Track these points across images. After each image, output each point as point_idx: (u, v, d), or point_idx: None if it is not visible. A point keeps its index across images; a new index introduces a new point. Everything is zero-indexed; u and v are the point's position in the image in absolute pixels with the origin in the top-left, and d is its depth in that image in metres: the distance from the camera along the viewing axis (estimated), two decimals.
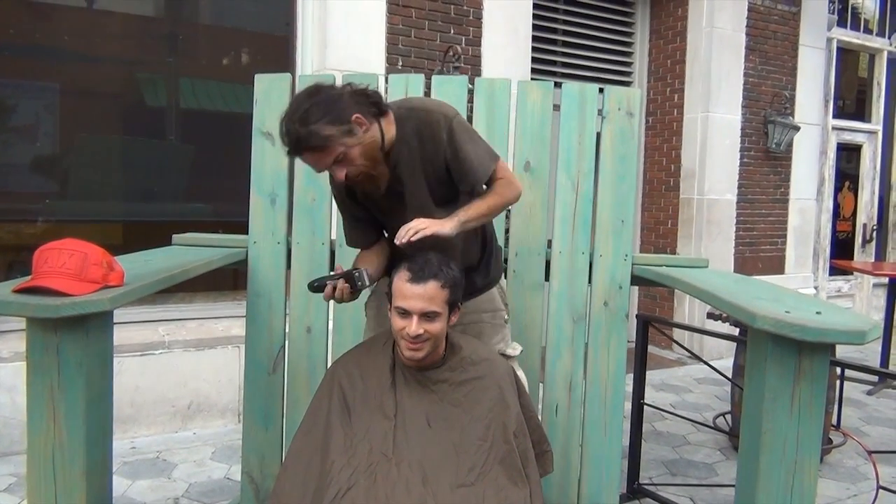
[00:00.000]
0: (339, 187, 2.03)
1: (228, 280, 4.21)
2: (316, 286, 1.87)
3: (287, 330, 2.50)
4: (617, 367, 2.46)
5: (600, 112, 2.56)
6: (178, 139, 4.31)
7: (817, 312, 1.53)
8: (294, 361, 2.48)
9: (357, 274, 1.84)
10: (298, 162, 2.50)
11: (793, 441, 1.54)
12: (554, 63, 5.60)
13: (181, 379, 3.96)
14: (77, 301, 1.46)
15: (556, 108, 2.54)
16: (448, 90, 2.56)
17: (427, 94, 2.57)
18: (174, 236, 2.55)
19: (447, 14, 4.76)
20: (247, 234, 2.53)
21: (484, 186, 2.01)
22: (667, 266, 2.47)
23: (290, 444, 1.80)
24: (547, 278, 2.52)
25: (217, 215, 4.41)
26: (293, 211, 2.54)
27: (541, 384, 2.54)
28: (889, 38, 7.09)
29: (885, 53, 7.09)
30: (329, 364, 2.47)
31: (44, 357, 1.51)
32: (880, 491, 2.70)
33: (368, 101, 1.86)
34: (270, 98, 2.54)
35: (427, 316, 1.71)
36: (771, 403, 1.54)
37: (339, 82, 2.53)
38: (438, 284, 1.73)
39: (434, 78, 2.59)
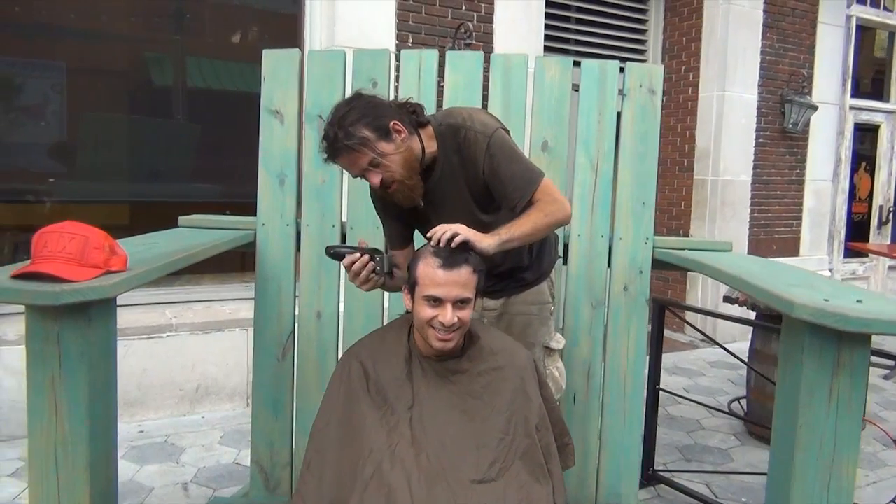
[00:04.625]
0: (373, 194, 2.02)
1: (236, 262, 4.15)
2: (333, 252, 1.83)
3: (296, 315, 2.42)
4: (637, 354, 2.38)
5: (621, 91, 2.46)
6: (185, 118, 4.24)
7: (858, 301, 1.44)
8: (304, 348, 2.41)
9: (379, 258, 1.79)
10: (308, 141, 2.45)
11: (830, 437, 1.46)
12: (567, 41, 5.47)
13: (189, 362, 3.93)
14: (78, 287, 1.38)
15: (575, 87, 2.45)
16: (463, 66, 2.46)
17: (441, 69, 2.48)
18: (180, 218, 2.47)
19: None
20: (255, 215, 2.45)
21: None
22: (689, 250, 2.38)
23: (309, 442, 1.73)
24: (565, 262, 2.44)
25: (224, 196, 4.36)
26: (302, 192, 2.45)
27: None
28: None
29: None
30: (340, 351, 2.41)
31: (44, 347, 1.44)
32: None
33: (408, 111, 1.86)
34: (278, 75, 2.45)
35: (461, 303, 1.64)
36: (808, 397, 1.46)
37: (349, 59, 2.48)
38: (470, 269, 1.65)
39: (448, 54, 2.49)
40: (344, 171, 1.92)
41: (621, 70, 2.48)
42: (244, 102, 4.33)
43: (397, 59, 2.56)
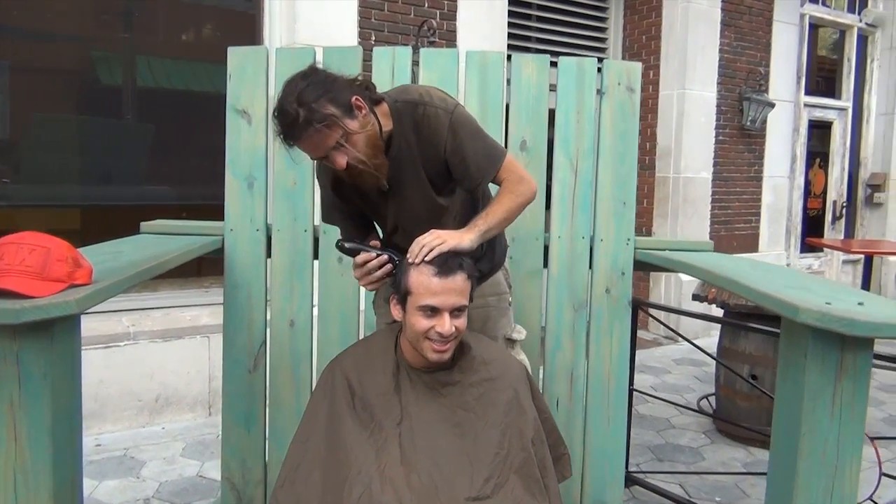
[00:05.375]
0: (326, 177, 1.88)
1: (193, 267, 4.00)
2: (349, 248, 1.75)
3: (268, 324, 2.32)
4: (620, 358, 2.34)
5: (599, 90, 2.41)
6: (137, 119, 4.06)
7: (859, 303, 1.41)
8: (276, 358, 2.30)
9: (399, 260, 1.70)
10: (277, 141, 2.33)
11: (833, 444, 1.43)
12: (529, 38, 5.44)
13: (148, 371, 3.80)
14: (40, 304, 1.26)
15: (552, 87, 2.39)
16: (438, 63, 2.38)
17: (415, 67, 2.40)
18: (142, 224, 2.34)
19: None
20: (213, 218, 2.34)
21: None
22: (670, 250, 2.34)
23: (285, 459, 1.63)
24: (545, 264, 2.38)
25: (180, 199, 4.21)
26: (273, 195, 2.35)
27: (540, 376, 2.41)
28: (859, 13, 7.07)
29: (856, 30, 7.07)
30: (315, 360, 2.32)
31: (2, 368, 1.31)
32: (882, 478, 2.64)
33: (363, 88, 1.72)
34: (245, 73, 2.34)
35: (458, 311, 1.57)
36: (811, 403, 1.42)
37: (319, 57, 2.38)
38: (465, 276, 1.58)
39: (422, 51, 2.41)
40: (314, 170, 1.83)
41: (598, 69, 2.44)
42: (200, 102, 4.20)
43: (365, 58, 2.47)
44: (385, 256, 1.73)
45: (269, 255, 2.33)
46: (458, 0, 4.72)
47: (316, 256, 2.34)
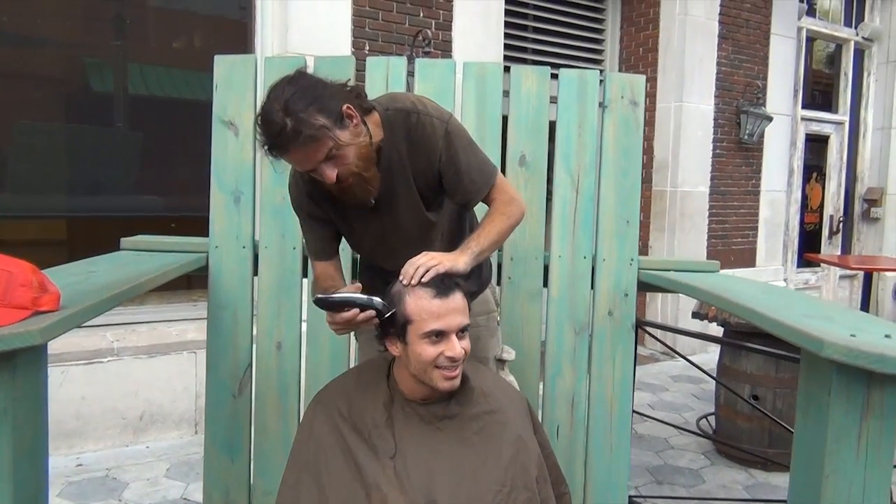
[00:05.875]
0: (298, 188, 1.77)
1: (182, 280, 3.87)
2: (331, 303, 1.56)
3: (254, 346, 2.20)
4: (623, 383, 2.23)
5: (601, 103, 2.32)
6: (127, 128, 3.95)
7: (886, 336, 1.31)
8: (262, 382, 2.19)
9: (383, 307, 1.53)
10: (265, 155, 2.23)
11: (859, 486, 1.33)
12: (525, 50, 5.36)
13: (132, 388, 3.69)
14: (1, 334, 1.15)
15: (552, 100, 2.30)
16: (434, 74, 2.29)
17: (410, 78, 2.30)
18: (122, 240, 2.22)
19: None
20: (202, 232, 2.23)
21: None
22: (675, 271, 2.25)
23: (277, 499, 1.52)
24: (545, 284, 2.28)
25: (169, 209, 4.10)
26: (260, 211, 2.24)
27: (539, 401, 2.30)
28: (856, 27, 7.03)
29: (852, 43, 7.03)
30: (303, 385, 2.21)
31: None
32: None
33: (353, 95, 1.60)
34: (232, 82, 2.24)
35: (463, 332, 1.47)
36: (835, 444, 1.32)
37: (310, 66, 2.28)
38: (461, 294, 1.49)
39: (418, 61, 2.31)
40: None
41: (601, 81, 2.34)
42: (192, 111, 4.09)
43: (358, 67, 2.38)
44: (372, 310, 1.54)
45: (255, 273, 2.22)
46: (454, 10, 4.64)
47: (305, 275, 2.23)
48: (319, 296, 1.58)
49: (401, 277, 1.51)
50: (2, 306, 1.22)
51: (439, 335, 1.44)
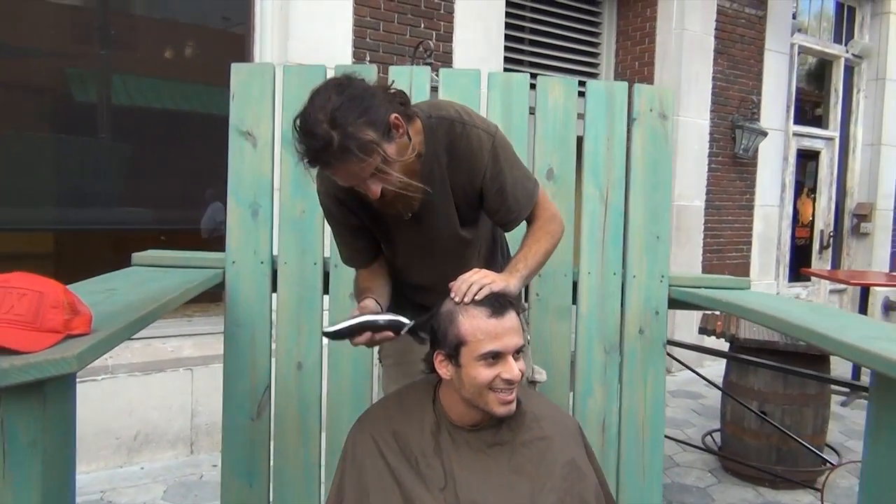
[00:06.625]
0: (329, 195, 1.66)
1: None
2: (340, 335, 1.48)
3: (273, 367, 2.10)
4: (655, 404, 2.16)
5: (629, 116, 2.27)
6: (114, 139, 3.83)
7: None
8: (282, 404, 2.08)
9: (396, 324, 1.47)
10: (284, 166, 2.14)
11: None
12: (521, 63, 5.32)
13: (126, 407, 3.58)
14: (33, 361, 1.05)
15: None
16: (458, 84, 2.21)
17: (434, 89, 2.23)
18: (134, 255, 2.11)
19: (417, 7, 4.45)
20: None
21: None
22: (706, 287, 2.19)
23: None
24: (574, 302, 2.21)
25: (158, 222, 3.96)
26: (279, 225, 2.14)
27: None
28: (846, 44, 7.09)
29: (843, 60, 7.09)
30: (324, 406, 2.11)
31: None
32: None
33: (397, 101, 1.49)
34: (250, 91, 2.14)
35: (518, 352, 1.39)
36: None
37: (330, 75, 2.19)
38: (516, 313, 1.41)
39: (442, 71, 2.24)
40: None
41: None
42: (186, 122, 3.99)
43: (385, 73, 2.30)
44: (389, 331, 1.47)
45: (274, 289, 2.12)
46: (455, 21, 4.60)
47: (326, 291, 2.14)
48: (326, 330, 1.53)
49: (452, 294, 1.42)
50: (33, 330, 1.12)
51: (496, 356, 1.36)
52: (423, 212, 1.61)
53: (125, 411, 3.55)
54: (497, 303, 1.38)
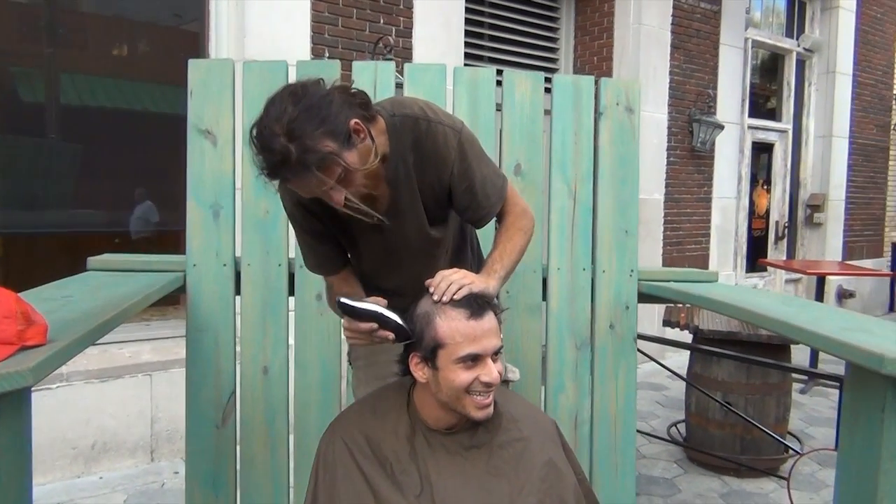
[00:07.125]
0: (293, 201, 1.60)
1: None
2: (357, 312, 1.43)
3: (238, 372, 2.04)
4: (627, 400, 2.16)
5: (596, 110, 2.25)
6: (64, 140, 3.70)
7: None
8: (248, 410, 2.03)
9: (408, 332, 1.41)
10: (246, 165, 2.07)
11: None
12: (481, 58, 5.30)
13: (83, 415, 3.47)
14: None
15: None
16: (424, 80, 2.17)
17: (399, 83, 2.18)
18: (90, 259, 2.02)
19: (376, 2, 4.39)
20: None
21: None
22: (675, 281, 2.19)
23: None
24: (543, 298, 2.19)
25: (111, 225, 3.83)
26: (241, 226, 2.08)
27: None
28: (797, 38, 7.23)
29: (794, 54, 7.23)
30: (291, 412, 2.06)
31: None
32: None
33: (358, 103, 1.42)
34: (209, 88, 2.07)
35: (496, 354, 1.36)
36: (889, 462, 1.27)
37: (291, 74, 2.13)
38: (493, 314, 1.38)
39: (408, 66, 2.20)
40: None
41: (596, 82, 2.27)
42: (138, 122, 3.87)
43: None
44: (401, 331, 1.42)
45: (237, 292, 2.06)
46: (415, 17, 4.55)
47: (292, 293, 2.08)
48: (344, 300, 1.43)
49: (431, 290, 1.38)
50: None
51: (475, 359, 1.33)
52: (392, 213, 1.57)
53: (82, 420, 3.44)
54: (475, 304, 1.35)
